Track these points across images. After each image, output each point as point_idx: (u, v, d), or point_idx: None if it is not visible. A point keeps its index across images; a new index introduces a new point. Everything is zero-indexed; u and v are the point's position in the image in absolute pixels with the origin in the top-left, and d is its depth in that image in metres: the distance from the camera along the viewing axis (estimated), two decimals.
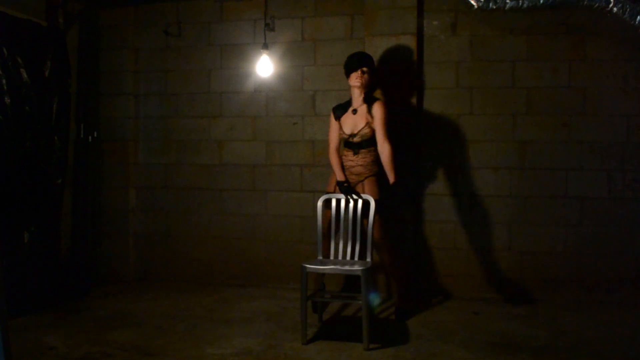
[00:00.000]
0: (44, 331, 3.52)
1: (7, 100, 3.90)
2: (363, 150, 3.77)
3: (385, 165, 3.67)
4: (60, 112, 4.39)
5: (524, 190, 4.27)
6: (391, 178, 3.63)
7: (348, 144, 3.84)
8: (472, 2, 3.99)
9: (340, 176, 3.80)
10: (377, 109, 3.70)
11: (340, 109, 3.88)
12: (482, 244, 4.33)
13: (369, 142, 3.76)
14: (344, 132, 3.81)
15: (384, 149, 3.66)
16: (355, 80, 3.75)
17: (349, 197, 3.65)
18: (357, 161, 3.78)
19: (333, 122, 3.88)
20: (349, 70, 3.80)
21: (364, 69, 3.74)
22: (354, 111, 3.79)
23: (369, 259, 3.52)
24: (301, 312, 3.30)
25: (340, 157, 3.87)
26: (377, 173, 3.79)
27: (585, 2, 3.69)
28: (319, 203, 3.68)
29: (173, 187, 4.92)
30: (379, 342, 3.29)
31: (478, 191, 4.32)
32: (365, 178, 3.77)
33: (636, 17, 3.62)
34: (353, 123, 3.78)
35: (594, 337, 3.41)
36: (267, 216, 4.72)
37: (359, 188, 3.78)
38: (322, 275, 3.83)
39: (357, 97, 3.79)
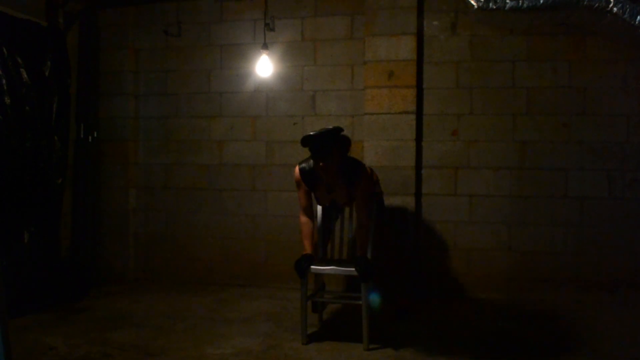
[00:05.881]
0: (44, 331, 3.52)
1: (7, 100, 3.90)
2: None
3: (360, 239, 3.30)
4: (60, 112, 4.39)
5: (524, 190, 4.27)
6: (360, 252, 3.28)
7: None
8: (472, 2, 3.98)
9: (307, 248, 3.37)
10: (362, 185, 3.30)
11: (310, 176, 3.34)
12: (482, 244, 4.33)
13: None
14: (319, 203, 3.55)
15: (363, 225, 3.30)
16: (321, 172, 3.21)
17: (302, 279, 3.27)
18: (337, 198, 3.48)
19: (302, 186, 3.40)
20: None
21: (324, 160, 3.14)
22: (329, 190, 3.38)
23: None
24: (301, 312, 3.30)
25: (312, 222, 3.45)
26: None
27: (585, 2, 3.68)
28: (319, 205, 3.68)
29: (173, 187, 4.92)
30: (379, 342, 3.29)
31: (478, 191, 4.33)
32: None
33: (636, 17, 3.61)
34: (331, 197, 3.44)
35: (594, 337, 3.41)
36: (267, 216, 4.72)
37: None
38: (322, 275, 3.83)
39: (328, 178, 3.29)
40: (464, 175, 4.34)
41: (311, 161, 3.27)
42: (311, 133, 3.21)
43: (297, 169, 3.40)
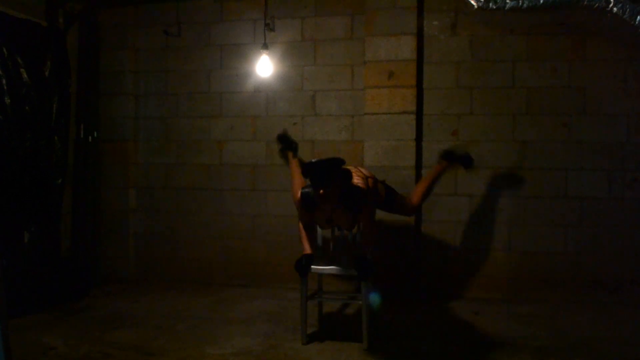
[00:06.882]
0: (44, 331, 3.52)
1: (7, 100, 3.90)
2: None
3: (365, 240, 3.30)
4: (60, 112, 4.40)
5: (524, 190, 4.27)
6: (360, 252, 3.26)
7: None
8: (472, 2, 3.99)
9: (307, 248, 3.35)
10: (365, 210, 3.24)
11: (310, 202, 3.25)
12: (482, 244, 4.33)
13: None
14: (320, 227, 3.52)
15: (369, 232, 3.28)
16: (321, 201, 3.14)
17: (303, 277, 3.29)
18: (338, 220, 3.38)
19: (302, 209, 3.34)
20: None
21: (325, 188, 3.05)
22: (329, 220, 3.34)
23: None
24: (301, 312, 3.30)
25: (312, 231, 3.46)
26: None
27: (585, 2, 3.68)
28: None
29: (173, 187, 4.92)
30: (379, 342, 3.29)
31: (478, 191, 4.33)
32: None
33: (636, 17, 3.61)
34: (331, 225, 3.44)
35: (594, 337, 3.41)
36: (267, 216, 4.72)
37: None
38: (322, 275, 3.82)
39: (328, 208, 3.25)
40: (464, 175, 4.33)
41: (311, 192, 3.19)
42: (313, 160, 3.19)
43: (299, 192, 3.34)
